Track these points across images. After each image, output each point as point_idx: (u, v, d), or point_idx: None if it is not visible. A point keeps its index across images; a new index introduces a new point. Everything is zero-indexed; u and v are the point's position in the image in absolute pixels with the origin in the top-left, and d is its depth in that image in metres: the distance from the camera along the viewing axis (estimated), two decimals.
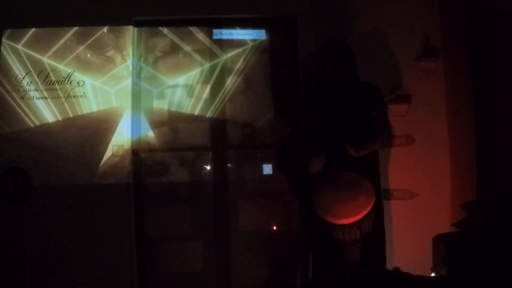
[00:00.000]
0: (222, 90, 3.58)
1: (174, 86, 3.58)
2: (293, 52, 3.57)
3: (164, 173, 3.52)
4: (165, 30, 3.60)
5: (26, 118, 3.37)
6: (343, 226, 2.60)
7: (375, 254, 2.87)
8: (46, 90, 3.39)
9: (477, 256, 2.46)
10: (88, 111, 3.41)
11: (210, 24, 3.61)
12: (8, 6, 3.40)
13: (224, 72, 3.60)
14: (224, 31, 3.62)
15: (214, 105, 3.57)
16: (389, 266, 2.91)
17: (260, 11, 3.56)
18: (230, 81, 3.60)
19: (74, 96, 3.41)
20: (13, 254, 3.25)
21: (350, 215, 2.59)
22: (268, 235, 3.55)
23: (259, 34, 3.64)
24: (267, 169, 3.57)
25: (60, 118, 3.39)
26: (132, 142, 3.42)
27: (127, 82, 3.45)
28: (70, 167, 3.36)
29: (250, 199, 3.55)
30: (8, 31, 3.40)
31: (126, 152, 3.40)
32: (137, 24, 3.52)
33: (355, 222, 2.59)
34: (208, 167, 3.56)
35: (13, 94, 3.37)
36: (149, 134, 3.54)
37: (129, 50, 3.46)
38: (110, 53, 3.45)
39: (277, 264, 3.53)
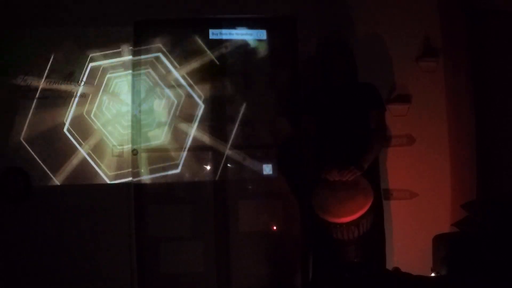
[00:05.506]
0: (222, 90, 3.58)
1: (174, 86, 3.58)
2: (293, 52, 3.57)
3: (164, 173, 3.53)
4: (165, 30, 3.60)
5: (26, 118, 3.36)
6: (341, 225, 2.61)
7: (375, 254, 2.87)
8: (46, 90, 3.39)
9: (477, 256, 2.46)
10: (88, 111, 3.41)
11: (210, 24, 3.61)
12: (8, 6, 3.40)
13: (224, 72, 3.60)
14: (224, 31, 3.62)
15: (214, 105, 3.57)
16: (389, 266, 2.92)
17: (261, 11, 3.56)
18: (230, 81, 3.60)
19: (74, 96, 3.41)
20: (13, 254, 3.25)
21: (348, 214, 2.60)
22: (268, 235, 3.55)
23: (259, 34, 3.64)
24: (267, 169, 3.57)
25: (60, 118, 3.39)
26: (132, 142, 3.43)
27: (127, 82, 3.45)
28: (70, 167, 3.36)
29: (250, 199, 3.55)
30: (9, 31, 3.39)
31: (126, 152, 3.40)
32: (137, 24, 3.52)
33: (353, 221, 2.60)
34: (208, 167, 3.56)
35: (13, 94, 3.36)
36: (149, 134, 3.54)
37: (129, 49, 3.46)
38: (110, 53, 3.45)
39: (277, 264, 3.53)
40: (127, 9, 3.46)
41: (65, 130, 3.38)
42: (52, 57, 3.41)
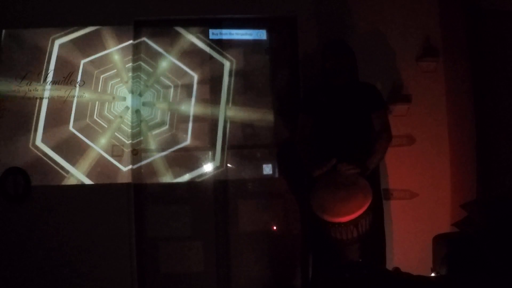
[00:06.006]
0: (222, 90, 3.58)
1: (174, 86, 3.58)
2: (293, 52, 3.57)
3: (164, 173, 3.53)
4: (165, 30, 3.60)
5: (26, 118, 3.36)
6: (339, 224, 2.61)
7: (375, 254, 2.87)
8: (46, 90, 3.39)
9: (477, 256, 2.46)
10: (88, 111, 3.41)
11: (210, 24, 3.62)
12: (8, 6, 3.40)
13: (224, 72, 3.60)
14: (224, 31, 3.62)
15: (214, 105, 3.57)
16: (389, 266, 2.92)
17: (261, 11, 3.56)
18: (230, 81, 3.60)
19: (74, 96, 3.41)
20: (13, 254, 3.25)
21: (347, 214, 2.59)
22: (268, 235, 3.55)
23: (260, 34, 3.64)
24: (267, 169, 3.57)
25: (60, 118, 3.39)
26: (132, 142, 3.43)
27: (127, 82, 3.45)
28: (70, 167, 3.36)
29: (250, 199, 3.55)
30: (8, 31, 3.40)
31: (126, 152, 3.40)
32: (137, 24, 3.52)
33: (352, 221, 2.59)
34: (208, 167, 3.56)
35: (13, 94, 3.36)
36: (149, 134, 3.54)
37: (129, 49, 3.46)
38: (110, 53, 3.45)
39: (277, 264, 3.53)
40: (127, 8, 3.47)
41: (65, 130, 3.38)
42: (52, 57, 3.41)
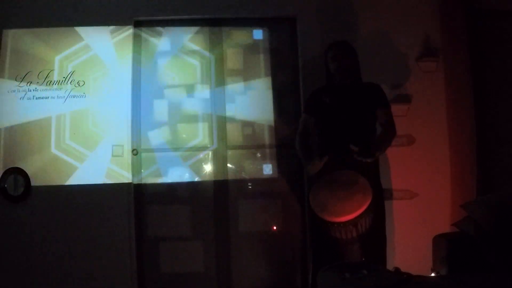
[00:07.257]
0: (222, 90, 3.58)
1: (174, 86, 3.58)
2: (293, 52, 3.57)
3: (164, 173, 3.52)
4: (164, 30, 3.60)
5: (26, 118, 3.36)
6: (339, 224, 2.60)
7: (375, 254, 2.86)
8: (46, 90, 3.39)
9: (477, 256, 2.46)
10: (88, 111, 3.41)
11: (210, 24, 3.62)
12: (8, 6, 3.40)
13: (224, 72, 3.60)
14: (224, 31, 3.62)
15: (214, 105, 3.57)
16: (389, 266, 2.91)
17: (261, 11, 3.56)
18: (230, 81, 3.60)
19: (74, 96, 3.41)
20: (13, 254, 3.25)
21: (346, 213, 2.58)
22: (268, 235, 3.55)
23: (259, 34, 3.64)
24: (267, 169, 3.57)
25: (60, 118, 3.38)
26: (132, 142, 3.42)
27: (127, 82, 3.44)
28: (70, 167, 3.36)
29: (250, 199, 3.55)
30: (8, 31, 3.39)
31: (126, 152, 3.40)
32: (137, 24, 3.52)
33: (351, 220, 2.59)
34: (208, 167, 3.56)
35: (13, 94, 3.36)
36: (149, 134, 3.54)
37: (129, 49, 3.46)
38: (110, 53, 3.45)
39: (277, 264, 3.53)
40: (127, 8, 3.47)
41: (65, 130, 3.38)
42: (52, 57, 3.41)
